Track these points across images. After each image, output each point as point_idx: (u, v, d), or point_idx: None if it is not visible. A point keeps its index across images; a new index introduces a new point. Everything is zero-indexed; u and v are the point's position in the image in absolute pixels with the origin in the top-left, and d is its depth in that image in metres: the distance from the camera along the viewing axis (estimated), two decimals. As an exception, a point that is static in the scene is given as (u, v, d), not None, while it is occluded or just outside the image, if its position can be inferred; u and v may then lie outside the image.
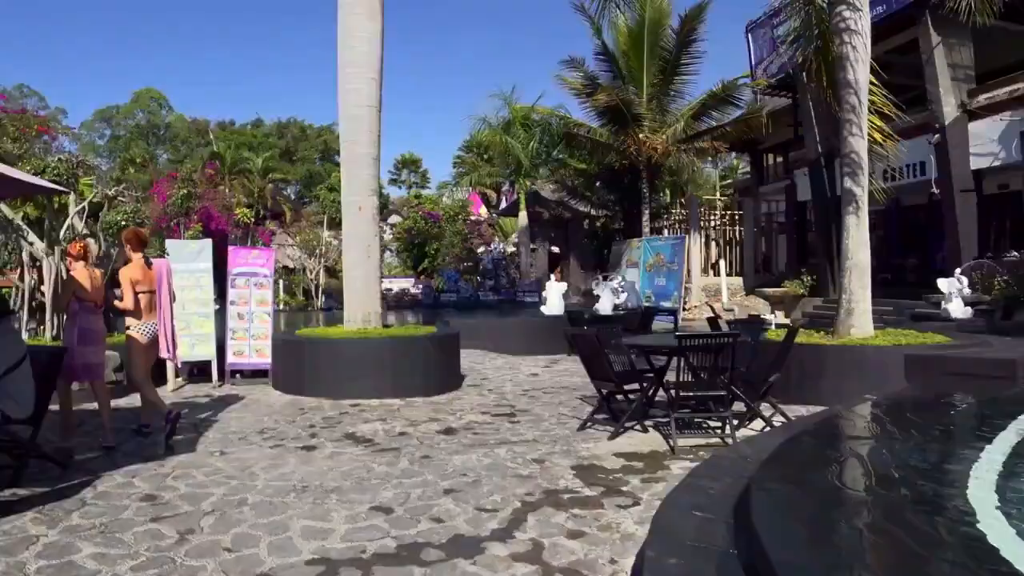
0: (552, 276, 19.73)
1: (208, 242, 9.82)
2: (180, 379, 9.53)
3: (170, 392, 8.71)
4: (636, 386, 6.46)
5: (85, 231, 8.87)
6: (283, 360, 9.04)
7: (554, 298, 14.82)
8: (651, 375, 6.55)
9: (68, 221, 8.73)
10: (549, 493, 4.58)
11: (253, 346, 9.60)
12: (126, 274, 6.21)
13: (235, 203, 28.74)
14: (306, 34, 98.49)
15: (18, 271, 9.98)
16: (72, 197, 8.85)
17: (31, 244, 8.24)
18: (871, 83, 8.61)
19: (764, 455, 3.53)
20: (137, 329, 6.30)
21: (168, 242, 9.68)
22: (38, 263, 8.09)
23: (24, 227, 8.34)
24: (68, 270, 6.51)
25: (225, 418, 7.18)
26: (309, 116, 78.26)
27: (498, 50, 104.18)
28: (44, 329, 8.19)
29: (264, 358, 9.51)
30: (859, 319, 8.03)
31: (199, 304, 9.46)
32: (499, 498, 4.48)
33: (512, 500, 4.43)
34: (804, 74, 12.01)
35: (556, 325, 12.72)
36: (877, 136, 9.52)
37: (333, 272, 28.44)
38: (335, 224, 31.30)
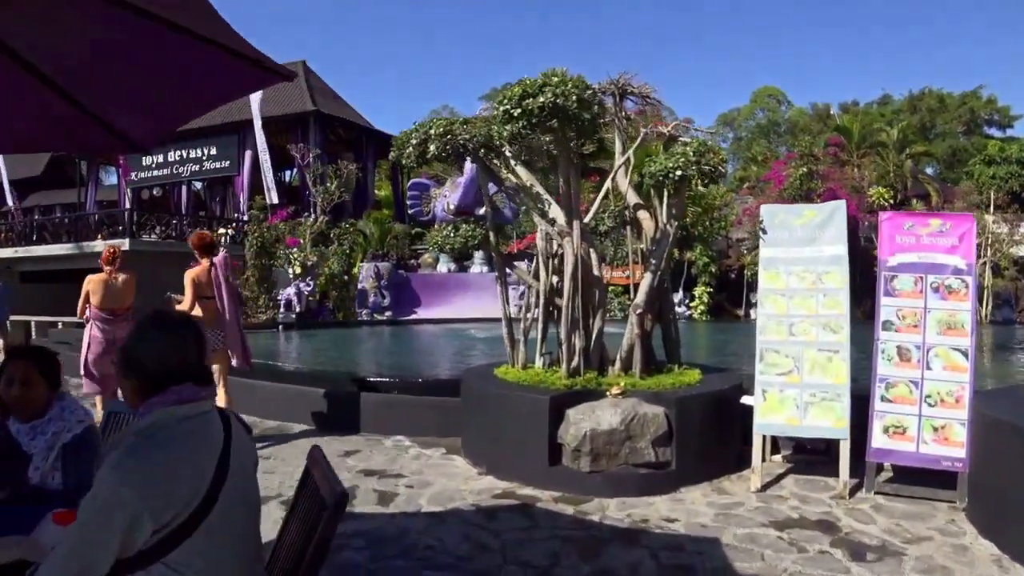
0: None
1: (839, 205, 5.16)
2: (779, 457, 5.32)
3: (752, 491, 4.56)
4: None
5: (633, 197, 5.44)
6: (988, 461, 3.89)
7: None
8: None
9: (606, 183, 5.41)
10: None
11: (928, 420, 4.62)
12: (189, 275, 5.81)
13: (866, 184, 23.55)
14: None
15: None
16: (618, 150, 5.47)
17: (552, 222, 5.13)
18: None
19: None
20: None
21: (764, 208, 5.39)
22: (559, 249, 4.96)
23: (547, 197, 5.28)
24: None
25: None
26: (947, 83, 64.60)
27: None
28: (564, 348, 5.01)
29: (952, 447, 4.45)
30: None
31: (821, 326, 4.89)
32: None
33: None
34: None
35: None
36: None
37: (1000, 270, 21.14)
38: (999, 206, 23.52)
